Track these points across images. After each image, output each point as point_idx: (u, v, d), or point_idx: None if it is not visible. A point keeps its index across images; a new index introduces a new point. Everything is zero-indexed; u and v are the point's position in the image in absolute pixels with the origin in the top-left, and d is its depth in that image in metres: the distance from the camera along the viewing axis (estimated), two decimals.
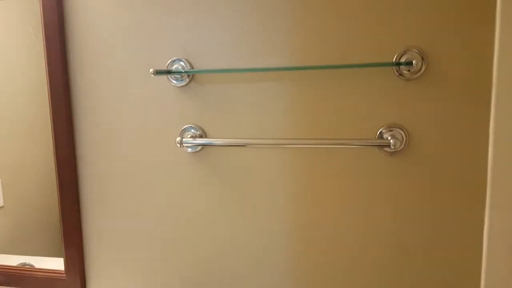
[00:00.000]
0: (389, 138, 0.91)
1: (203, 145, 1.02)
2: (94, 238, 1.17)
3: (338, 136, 0.97)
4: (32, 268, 1.23)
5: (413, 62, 0.87)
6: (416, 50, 0.90)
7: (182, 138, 1.02)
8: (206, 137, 1.04)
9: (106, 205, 1.14)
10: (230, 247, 1.07)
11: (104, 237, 1.16)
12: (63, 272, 1.19)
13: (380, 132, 0.94)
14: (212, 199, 1.06)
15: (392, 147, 0.90)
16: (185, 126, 1.05)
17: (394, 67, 0.92)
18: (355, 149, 0.97)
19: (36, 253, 1.27)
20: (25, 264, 1.26)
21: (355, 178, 0.98)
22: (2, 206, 1.30)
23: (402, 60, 0.91)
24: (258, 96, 1.00)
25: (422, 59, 0.90)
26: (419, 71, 0.91)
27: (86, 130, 1.12)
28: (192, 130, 1.04)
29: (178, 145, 1.01)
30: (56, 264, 1.23)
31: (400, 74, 0.92)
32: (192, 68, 1.02)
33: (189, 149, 1.05)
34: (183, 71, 1.00)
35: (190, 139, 1.01)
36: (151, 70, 0.94)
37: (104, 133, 1.11)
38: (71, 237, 1.16)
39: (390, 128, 0.94)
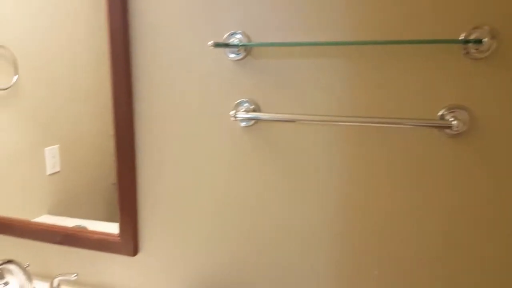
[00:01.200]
0: (451, 119, 0.88)
1: (257, 119, 1.02)
2: (148, 205, 1.21)
3: (396, 116, 0.94)
4: (87, 230, 1.29)
5: (483, 40, 0.83)
6: (487, 27, 0.86)
7: (236, 111, 1.02)
8: (259, 111, 1.04)
9: (161, 173, 1.18)
10: (280, 225, 1.09)
11: (158, 204, 1.20)
12: (117, 235, 1.25)
13: (442, 113, 0.91)
14: (263, 173, 1.07)
15: (455, 129, 0.87)
16: (239, 100, 1.05)
17: (461, 45, 0.88)
18: (414, 129, 0.94)
19: (89, 217, 1.34)
20: (79, 226, 1.33)
21: (412, 160, 0.95)
22: (59, 171, 1.36)
23: (471, 37, 0.86)
24: (314, 71, 0.99)
25: (493, 37, 0.85)
26: (488, 50, 0.86)
27: (144, 99, 1.15)
28: (246, 104, 1.05)
29: (232, 118, 1.01)
30: (107, 228, 1.29)
31: (467, 53, 0.88)
32: (250, 41, 1.01)
33: (243, 123, 1.05)
34: (240, 44, 1.00)
35: (244, 113, 1.02)
36: (210, 42, 0.94)
37: (162, 102, 1.13)
38: (127, 202, 1.21)
39: (452, 109, 0.90)
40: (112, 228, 1.29)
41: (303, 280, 1.09)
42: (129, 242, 1.23)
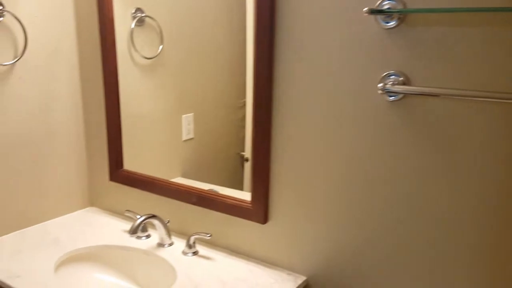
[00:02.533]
0: None
1: (408, 93, 0.95)
2: (280, 176, 1.22)
3: None
4: (221, 194, 1.35)
5: None
6: None
7: (385, 84, 0.96)
8: (409, 84, 0.96)
9: (296, 145, 1.17)
10: (417, 209, 1.01)
11: (290, 177, 1.20)
12: (249, 202, 1.28)
13: None
14: (408, 154, 1.00)
15: None
16: (387, 72, 0.98)
17: None
18: None
19: (215, 183, 1.40)
20: (211, 190, 1.39)
21: None
22: (192, 138, 1.44)
23: None
24: (480, 43, 0.87)
25: None
26: None
27: (285, 70, 1.14)
28: (394, 77, 0.97)
29: (379, 91, 0.95)
30: (235, 195, 1.33)
31: None
32: (405, 7, 0.93)
33: (391, 97, 0.99)
34: (395, 10, 0.92)
35: (393, 86, 0.95)
36: (365, 9, 0.88)
37: (304, 70, 1.11)
38: (260, 171, 1.23)
39: None
40: (236, 195, 1.33)
41: (431, 267, 1.02)
42: (260, 210, 1.26)
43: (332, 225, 1.16)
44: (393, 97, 0.98)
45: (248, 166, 1.33)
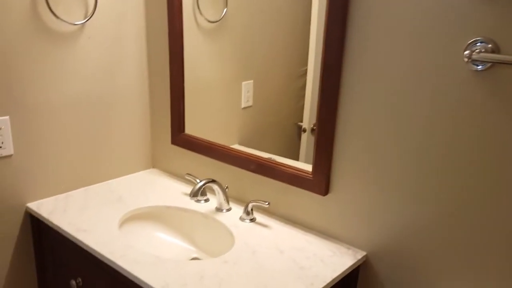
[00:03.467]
0: None
1: (498, 62, 0.86)
2: (346, 146, 1.17)
3: None
4: (281, 163, 1.33)
5: None
6: None
7: (471, 52, 0.88)
8: (499, 53, 0.87)
9: (364, 118, 1.11)
10: (494, 189, 0.93)
11: (356, 147, 1.15)
12: (310, 173, 1.25)
13: None
14: (492, 129, 0.91)
15: None
16: (474, 39, 0.89)
17: None
18: None
19: (271, 152, 1.37)
20: (270, 158, 1.37)
21: None
22: (251, 106, 1.41)
23: None
24: None
25: None
26: None
27: (360, 31, 1.07)
28: (482, 44, 0.88)
29: (465, 60, 0.87)
30: (293, 165, 1.30)
31: None
32: None
33: (477, 66, 0.90)
34: None
35: (477, 54, 0.86)
36: None
37: (382, 32, 1.04)
38: (324, 142, 1.19)
39: None
40: (294, 165, 1.30)
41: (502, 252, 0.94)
42: (321, 181, 1.23)
43: (399, 200, 1.10)
44: (480, 67, 0.89)
45: (305, 137, 1.29)
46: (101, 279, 1.19)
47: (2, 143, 1.29)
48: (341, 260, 1.15)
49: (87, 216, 1.33)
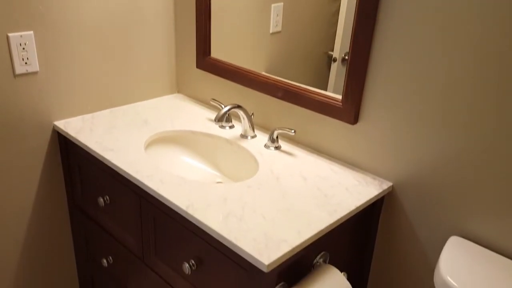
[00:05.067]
0: None
1: None
2: (379, 74, 1.11)
3: None
4: (310, 90, 1.28)
5: None
6: None
7: None
8: None
9: (399, 45, 1.04)
10: None
11: (389, 75, 1.09)
12: (340, 100, 1.21)
13: None
14: None
15: None
16: None
17: None
18: None
19: (299, 81, 1.32)
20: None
21: None
22: (280, 32, 1.34)
23: None
24: None
25: None
26: None
27: None
28: None
29: None
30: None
31: None
32: None
33: None
34: None
35: None
36: None
37: None
38: (357, 67, 1.13)
39: None
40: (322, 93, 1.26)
41: None
42: (351, 110, 1.18)
43: (428, 133, 1.06)
44: None
45: (335, 67, 1.23)
46: (127, 197, 1.22)
47: (28, 59, 1.28)
48: (366, 189, 1.14)
49: (114, 136, 1.34)
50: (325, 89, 1.26)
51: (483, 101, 0.95)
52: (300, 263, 1.00)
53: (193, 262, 1.06)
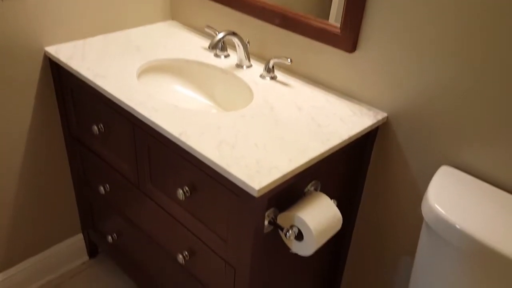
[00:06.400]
0: None
1: None
2: (377, 4, 1.06)
3: None
4: (308, 16, 1.23)
5: None
6: None
7: None
8: None
9: None
10: None
11: (386, 5, 1.04)
12: (338, 27, 1.16)
13: None
14: None
15: None
16: None
17: None
18: None
19: (301, 10, 1.26)
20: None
21: None
22: None
23: None
24: None
25: None
26: None
27: None
28: None
29: None
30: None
31: None
32: None
33: None
34: None
35: None
36: None
37: None
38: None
39: None
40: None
41: None
42: (349, 37, 1.15)
43: (427, 60, 1.03)
44: None
45: None
46: (121, 125, 1.21)
47: None
48: (361, 119, 1.13)
49: (106, 63, 1.30)
50: (327, 19, 1.21)
51: (477, 30, 0.91)
52: (292, 190, 1.02)
53: (187, 188, 1.07)
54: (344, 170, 1.19)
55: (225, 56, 1.42)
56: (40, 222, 1.60)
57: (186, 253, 1.19)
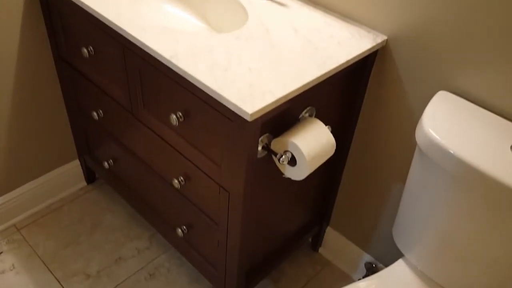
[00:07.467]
0: None
1: None
2: None
3: None
4: None
5: None
6: None
7: None
8: None
9: None
10: None
11: None
12: None
13: None
14: None
15: None
16: None
17: None
18: None
19: None
20: None
21: None
22: None
23: None
24: None
25: None
26: None
27: None
28: None
29: None
30: None
31: None
32: None
33: None
34: None
35: None
36: None
37: None
38: None
39: None
40: None
41: None
42: None
43: None
44: None
45: None
46: (111, 47, 1.17)
47: None
48: (359, 43, 1.08)
49: None
50: None
51: None
52: (286, 116, 1.01)
53: (180, 114, 1.06)
54: (340, 97, 1.17)
55: None
56: (36, 147, 1.60)
57: (182, 178, 1.20)
